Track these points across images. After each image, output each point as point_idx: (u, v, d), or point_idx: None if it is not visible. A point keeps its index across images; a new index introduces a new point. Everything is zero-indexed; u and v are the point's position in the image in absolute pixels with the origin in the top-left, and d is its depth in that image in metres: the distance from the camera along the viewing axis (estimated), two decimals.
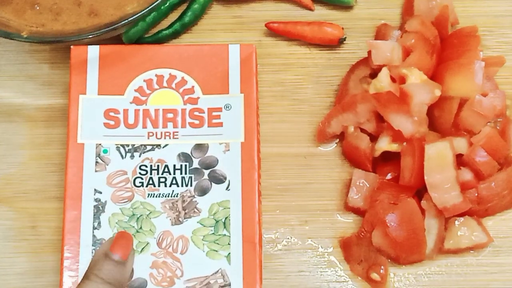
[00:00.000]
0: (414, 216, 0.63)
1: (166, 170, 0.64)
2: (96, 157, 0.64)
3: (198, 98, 0.66)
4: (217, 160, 0.64)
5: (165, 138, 0.65)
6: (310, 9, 0.74)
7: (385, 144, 0.66)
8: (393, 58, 0.67)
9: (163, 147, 0.64)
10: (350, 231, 0.67)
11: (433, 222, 0.64)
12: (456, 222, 0.65)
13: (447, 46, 0.69)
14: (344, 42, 0.72)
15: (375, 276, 0.65)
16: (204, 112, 0.65)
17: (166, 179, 0.64)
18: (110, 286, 0.56)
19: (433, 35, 0.69)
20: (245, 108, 0.65)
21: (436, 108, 0.66)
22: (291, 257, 0.66)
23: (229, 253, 0.62)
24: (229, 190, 0.63)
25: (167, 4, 0.72)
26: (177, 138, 0.65)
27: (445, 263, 0.66)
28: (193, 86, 0.66)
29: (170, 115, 0.65)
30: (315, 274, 0.66)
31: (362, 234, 0.66)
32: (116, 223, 0.63)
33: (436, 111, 0.66)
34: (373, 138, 0.67)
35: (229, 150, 0.64)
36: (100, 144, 0.64)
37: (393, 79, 0.66)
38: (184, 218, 0.63)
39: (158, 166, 0.64)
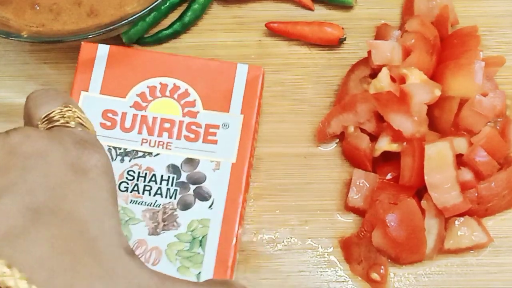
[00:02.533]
0: (414, 216, 0.63)
1: (153, 179, 0.63)
2: None
3: (198, 112, 0.64)
4: (205, 177, 0.63)
5: (158, 147, 0.64)
6: (310, 9, 0.74)
7: (385, 144, 0.66)
8: (393, 58, 0.67)
9: (154, 156, 0.63)
10: (350, 231, 0.67)
11: (433, 222, 0.64)
12: (456, 222, 0.65)
13: (447, 46, 0.69)
14: (344, 42, 0.72)
15: (375, 276, 0.64)
16: (201, 127, 0.64)
17: (151, 187, 0.63)
18: None
19: (433, 35, 0.69)
20: (242, 130, 0.64)
21: (436, 108, 0.66)
22: (291, 257, 0.66)
23: (200, 272, 0.60)
24: (211, 209, 0.62)
25: (167, 4, 0.72)
26: (170, 149, 0.64)
27: (445, 263, 0.66)
28: (195, 100, 0.65)
29: (167, 125, 0.64)
30: (315, 274, 0.66)
31: (362, 234, 0.66)
32: None
33: (436, 111, 0.66)
34: (373, 138, 0.67)
35: (219, 169, 0.63)
36: None
37: (393, 79, 0.66)
38: (162, 230, 0.61)
39: (146, 173, 0.63)
